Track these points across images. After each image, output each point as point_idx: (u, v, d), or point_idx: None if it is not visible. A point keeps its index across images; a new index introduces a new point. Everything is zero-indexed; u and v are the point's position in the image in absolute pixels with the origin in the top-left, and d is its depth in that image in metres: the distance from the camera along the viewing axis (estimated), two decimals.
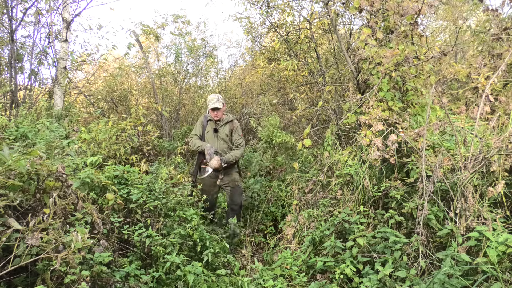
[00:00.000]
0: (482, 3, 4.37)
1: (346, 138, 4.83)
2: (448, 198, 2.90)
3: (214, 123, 4.44)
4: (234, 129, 4.51)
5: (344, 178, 3.75)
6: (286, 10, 6.20)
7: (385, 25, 3.97)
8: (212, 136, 4.41)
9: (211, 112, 4.37)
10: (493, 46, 4.00)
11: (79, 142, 4.13)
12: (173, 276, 2.77)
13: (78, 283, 2.13)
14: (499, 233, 2.41)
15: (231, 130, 4.48)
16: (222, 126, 4.45)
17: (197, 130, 4.50)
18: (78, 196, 2.64)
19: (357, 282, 2.73)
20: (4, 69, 6.66)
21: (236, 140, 4.46)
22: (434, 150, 3.34)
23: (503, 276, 2.19)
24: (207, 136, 4.43)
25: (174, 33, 8.51)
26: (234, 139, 4.47)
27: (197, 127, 4.53)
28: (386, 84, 3.56)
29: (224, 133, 4.42)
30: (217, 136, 4.42)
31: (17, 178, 2.28)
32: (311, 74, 6.08)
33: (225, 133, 4.42)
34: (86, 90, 8.26)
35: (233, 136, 4.48)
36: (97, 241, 2.62)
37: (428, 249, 2.71)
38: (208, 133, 4.44)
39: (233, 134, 4.48)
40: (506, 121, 3.32)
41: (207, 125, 4.46)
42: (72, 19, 6.94)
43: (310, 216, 3.64)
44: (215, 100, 4.30)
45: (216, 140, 4.41)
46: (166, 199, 3.52)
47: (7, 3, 6.23)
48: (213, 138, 4.41)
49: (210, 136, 4.42)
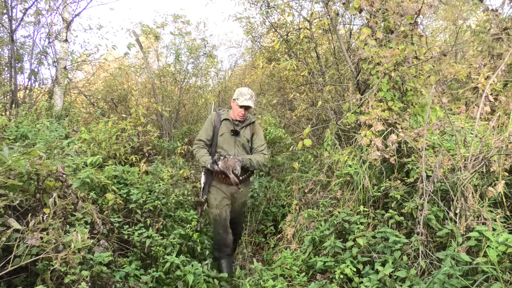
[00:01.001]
0: (482, 3, 4.37)
1: (346, 138, 4.83)
2: (448, 198, 2.90)
3: (232, 123, 3.43)
4: (256, 133, 3.53)
5: (344, 178, 3.75)
6: (286, 10, 6.21)
7: (385, 25, 3.97)
8: (228, 140, 3.38)
9: (236, 110, 3.38)
10: (493, 46, 4.00)
11: (79, 142, 4.13)
12: (173, 276, 2.77)
13: (78, 283, 2.13)
14: (499, 233, 2.41)
15: (253, 134, 3.51)
16: (243, 128, 3.46)
17: (206, 133, 3.43)
18: (78, 196, 2.64)
19: (357, 282, 2.73)
20: (4, 69, 6.65)
21: (259, 147, 3.48)
22: (434, 150, 3.34)
23: (503, 276, 2.19)
24: (220, 140, 3.39)
25: (174, 33, 8.51)
26: (255, 145, 3.49)
27: (206, 128, 3.45)
28: (385, 84, 3.56)
29: (244, 138, 3.44)
30: (236, 141, 3.40)
31: (17, 178, 2.28)
32: (311, 74, 6.08)
33: (246, 137, 3.46)
34: (86, 90, 8.26)
35: (255, 141, 3.50)
36: (97, 241, 2.62)
37: (428, 249, 2.71)
38: (222, 137, 3.39)
39: (255, 139, 3.50)
40: (506, 121, 3.32)
41: (220, 126, 3.40)
42: (72, 19, 6.94)
43: (310, 216, 3.64)
44: (248, 96, 3.31)
45: (234, 146, 3.39)
46: (166, 199, 3.52)
47: (7, 3, 6.23)
48: (230, 143, 3.38)
49: (225, 141, 3.39)
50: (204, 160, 3.30)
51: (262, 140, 3.53)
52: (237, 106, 3.36)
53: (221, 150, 3.37)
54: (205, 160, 3.29)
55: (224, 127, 3.42)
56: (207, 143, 3.44)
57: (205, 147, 3.43)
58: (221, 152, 3.34)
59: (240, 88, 3.45)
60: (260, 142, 3.50)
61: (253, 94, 3.37)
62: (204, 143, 3.43)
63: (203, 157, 3.32)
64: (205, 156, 3.33)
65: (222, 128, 3.41)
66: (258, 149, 3.48)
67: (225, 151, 3.36)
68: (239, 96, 3.34)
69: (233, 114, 3.44)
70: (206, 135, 3.43)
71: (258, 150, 3.47)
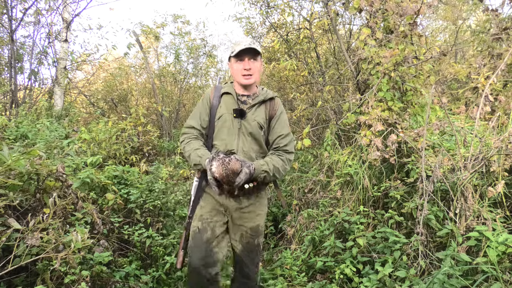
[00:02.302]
0: (482, 3, 4.37)
1: (346, 138, 4.83)
2: (448, 198, 2.91)
3: (237, 99, 2.18)
4: (277, 116, 2.21)
5: (344, 178, 3.75)
6: (286, 10, 6.21)
7: (385, 25, 3.97)
8: (229, 127, 2.13)
9: (236, 70, 2.15)
10: (493, 46, 3.99)
11: (79, 142, 4.13)
12: (174, 276, 2.77)
13: (78, 283, 2.13)
14: (499, 233, 2.41)
15: (270, 117, 2.19)
16: (253, 107, 2.17)
17: (199, 116, 2.22)
18: (78, 196, 2.64)
19: (357, 282, 2.73)
20: (4, 69, 6.65)
21: (279, 140, 2.18)
22: (434, 150, 3.34)
23: (503, 276, 2.19)
24: (218, 126, 2.16)
25: (173, 33, 8.52)
26: (274, 135, 2.19)
27: (199, 110, 2.24)
28: (385, 84, 3.56)
29: (255, 122, 2.14)
30: (241, 127, 2.13)
31: (17, 178, 2.29)
32: (311, 74, 6.08)
33: (258, 121, 2.15)
34: (86, 90, 8.26)
35: (273, 130, 2.19)
36: (97, 241, 2.62)
37: (428, 249, 2.71)
38: (221, 120, 2.15)
39: (273, 126, 2.20)
40: (506, 121, 3.32)
41: (219, 105, 2.19)
42: (72, 19, 6.94)
43: (310, 216, 3.64)
44: (248, 41, 2.13)
45: (237, 136, 2.12)
46: (166, 198, 3.52)
47: (7, 3, 6.23)
48: (232, 132, 2.13)
49: (224, 127, 2.14)
50: (200, 155, 2.02)
51: (286, 128, 2.20)
52: (235, 63, 2.14)
53: (218, 143, 2.13)
54: (201, 155, 2.01)
55: (223, 106, 2.16)
56: (201, 132, 2.19)
57: (200, 138, 2.18)
58: (217, 146, 2.13)
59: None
60: (281, 130, 2.18)
61: (254, 41, 2.18)
62: (199, 132, 2.18)
63: (198, 151, 2.05)
64: (200, 149, 2.06)
65: (220, 108, 2.16)
66: (278, 143, 2.17)
67: (223, 144, 2.10)
68: (234, 47, 2.14)
69: (236, 85, 2.21)
70: (200, 120, 2.18)
71: (278, 146, 2.17)
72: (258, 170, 2.01)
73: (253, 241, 2.19)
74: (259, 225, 2.21)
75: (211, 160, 1.92)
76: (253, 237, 2.19)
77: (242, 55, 2.13)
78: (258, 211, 2.21)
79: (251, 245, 2.18)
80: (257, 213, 2.20)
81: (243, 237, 2.18)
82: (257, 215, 2.20)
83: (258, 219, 2.20)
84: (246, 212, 2.17)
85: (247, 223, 2.18)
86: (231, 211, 2.16)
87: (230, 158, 1.91)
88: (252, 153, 2.14)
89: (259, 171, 2.02)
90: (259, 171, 2.02)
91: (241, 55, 2.12)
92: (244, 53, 2.12)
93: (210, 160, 1.92)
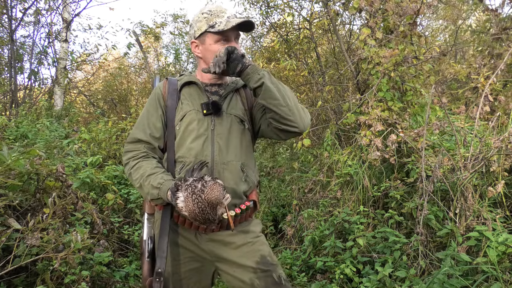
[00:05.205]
0: (482, 3, 4.37)
1: (346, 138, 4.83)
2: (448, 198, 2.91)
3: (204, 90, 1.55)
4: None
5: (344, 178, 3.75)
6: (286, 10, 6.21)
7: (385, 25, 3.97)
8: (198, 129, 1.48)
9: (213, 51, 1.47)
10: (493, 46, 3.99)
11: (79, 142, 4.13)
12: None
13: (78, 283, 2.13)
14: (499, 233, 2.41)
15: (252, 105, 1.61)
16: (225, 99, 1.56)
17: (146, 123, 1.52)
18: (78, 196, 2.64)
19: (357, 282, 2.73)
20: (4, 69, 6.66)
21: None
22: (434, 150, 3.34)
23: (503, 276, 2.19)
24: (181, 131, 1.49)
25: (173, 33, 8.52)
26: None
27: (146, 115, 1.54)
28: (385, 84, 3.56)
29: (231, 116, 1.53)
30: (215, 125, 1.49)
31: (17, 178, 2.29)
32: (311, 74, 6.08)
33: (235, 113, 1.54)
34: (86, 90, 8.26)
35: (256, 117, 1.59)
36: (97, 241, 2.62)
37: (428, 249, 2.71)
38: (184, 122, 1.50)
39: (256, 113, 1.59)
40: (506, 121, 3.32)
41: (178, 102, 1.53)
42: (72, 19, 6.94)
43: (310, 216, 3.64)
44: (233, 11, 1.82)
45: (210, 140, 1.48)
46: None
47: (6, 3, 6.23)
48: (202, 135, 1.48)
49: (191, 129, 1.48)
50: (156, 185, 1.38)
51: None
52: (215, 44, 1.48)
53: (183, 155, 1.48)
54: (158, 185, 1.37)
55: (186, 101, 1.53)
56: (153, 145, 1.51)
57: (151, 154, 1.51)
58: (184, 159, 1.48)
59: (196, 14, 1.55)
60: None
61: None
62: (149, 147, 1.51)
63: (152, 179, 1.40)
64: (155, 174, 1.41)
65: (182, 105, 1.53)
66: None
67: (191, 154, 1.46)
68: (213, 19, 1.47)
69: (201, 74, 1.59)
70: (149, 128, 1.52)
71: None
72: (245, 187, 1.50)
73: (273, 279, 1.45)
74: (265, 255, 1.49)
75: (175, 191, 1.30)
76: (267, 272, 1.45)
77: (228, 33, 1.47)
78: (252, 237, 1.52)
79: (272, 284, 1.44)
80: (254, 241, 1.52)
81: (254, 280, 1.44)
82: (253, 243, 1.51)
83: (259, 246, 1.51)
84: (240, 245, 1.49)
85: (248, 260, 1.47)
86: (216, 255, 1.50)
87: (205, 181, 1.28)
88: (236, 162, 1.49)
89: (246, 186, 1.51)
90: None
91: (228, 32, 1.47)
92: (234, 30, 1.48)
93: (174, 191, 1.30)
